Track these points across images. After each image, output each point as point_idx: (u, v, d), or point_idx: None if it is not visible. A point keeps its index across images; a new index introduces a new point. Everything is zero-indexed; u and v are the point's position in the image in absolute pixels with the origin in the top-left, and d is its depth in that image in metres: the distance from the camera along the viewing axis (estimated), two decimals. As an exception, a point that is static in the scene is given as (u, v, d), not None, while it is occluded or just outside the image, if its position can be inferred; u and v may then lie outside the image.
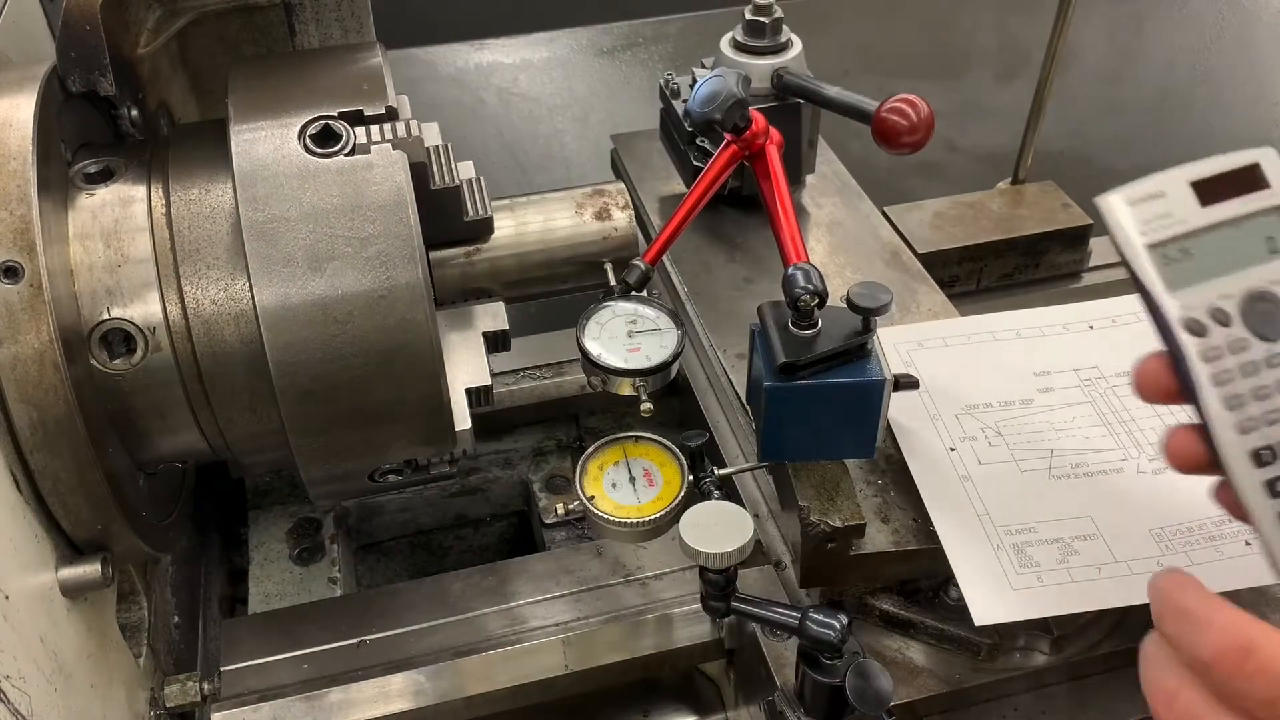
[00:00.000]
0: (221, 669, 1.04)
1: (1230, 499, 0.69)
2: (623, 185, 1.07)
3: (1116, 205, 0.69)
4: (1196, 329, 0.68)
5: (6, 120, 0.79)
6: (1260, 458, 0.67)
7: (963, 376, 1.05)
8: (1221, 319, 0.68)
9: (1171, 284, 0.68)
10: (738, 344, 1.12)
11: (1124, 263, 0.69)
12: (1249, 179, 0.70)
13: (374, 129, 0.85)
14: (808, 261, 0.91)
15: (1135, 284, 0.69)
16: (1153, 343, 0.70)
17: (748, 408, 1.02)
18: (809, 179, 1.35)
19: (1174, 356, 0.69)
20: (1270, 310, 0.68)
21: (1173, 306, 0.68)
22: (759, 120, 0.99)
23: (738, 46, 1.25)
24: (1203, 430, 0.68)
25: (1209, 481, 0.71)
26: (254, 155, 0.82)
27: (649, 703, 1.19)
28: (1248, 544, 0.88)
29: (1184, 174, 0.70)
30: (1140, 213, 0.69)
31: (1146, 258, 0.68)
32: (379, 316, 0.81)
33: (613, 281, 1.02)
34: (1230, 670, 0.59)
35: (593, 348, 0.95)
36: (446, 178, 0.93)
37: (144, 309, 0.83)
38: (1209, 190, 0.69)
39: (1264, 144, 0.71)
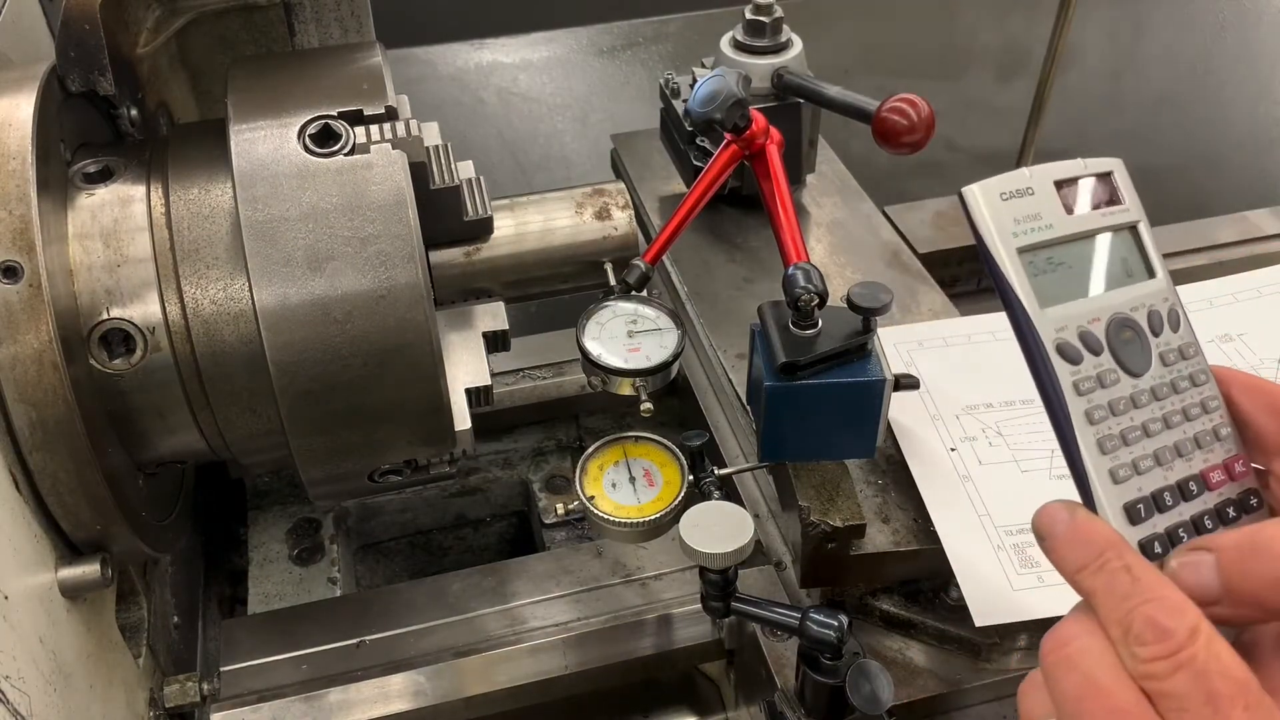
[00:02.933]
0: (221, 669, 1.04)
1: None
2: (623, 185, 1.07)
3: (986, 198, 0.59)
4: (1071, 354, 0.59)
5: (6, 120, 0.79)
6: (1134, 513, 0.58)
7: (963, 376, 1.04)
8: (1093, 345, 0.59)
9: (1044, 298, 0.59)
10: (738, 344, 1.12)
11: (988, 268, 0.60)
12: (1105, 191, 0.62)
13: (374, 129, 0.84)
14: (808, 261, 0.91)
15: (1001, 292, 0.60)
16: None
17: (748, 408, 1.02)
18: (809, 179, 1.35)
19: (1042, 386, 0.60)
20: (1134, 341, 0.60)
21: (1046, 323, 0.59)
22: (759, 120, 0.99)
23: (738, 46, 1.25)
24: (1077, 477, 0.60)
25: None
26: (253, 155, 0.82)
27: (649, 703, 1.19)
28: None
29: (1048, 173, 0.61)
30: (1012, 210, 0.59)
31: (1019, 264, 0.59)
32: (379, 316, 0.81)
33: (613, 281, 1.02)
34: (1157, 653, 0.51)
35: (593, 348, 0.95)
36: (446, 177, 0.93)
37: (143, 309, 0.83)
38: (1071, 195, 0.61)
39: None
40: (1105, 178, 0.62)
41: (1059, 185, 0.61)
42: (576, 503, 0.95)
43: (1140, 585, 0.53)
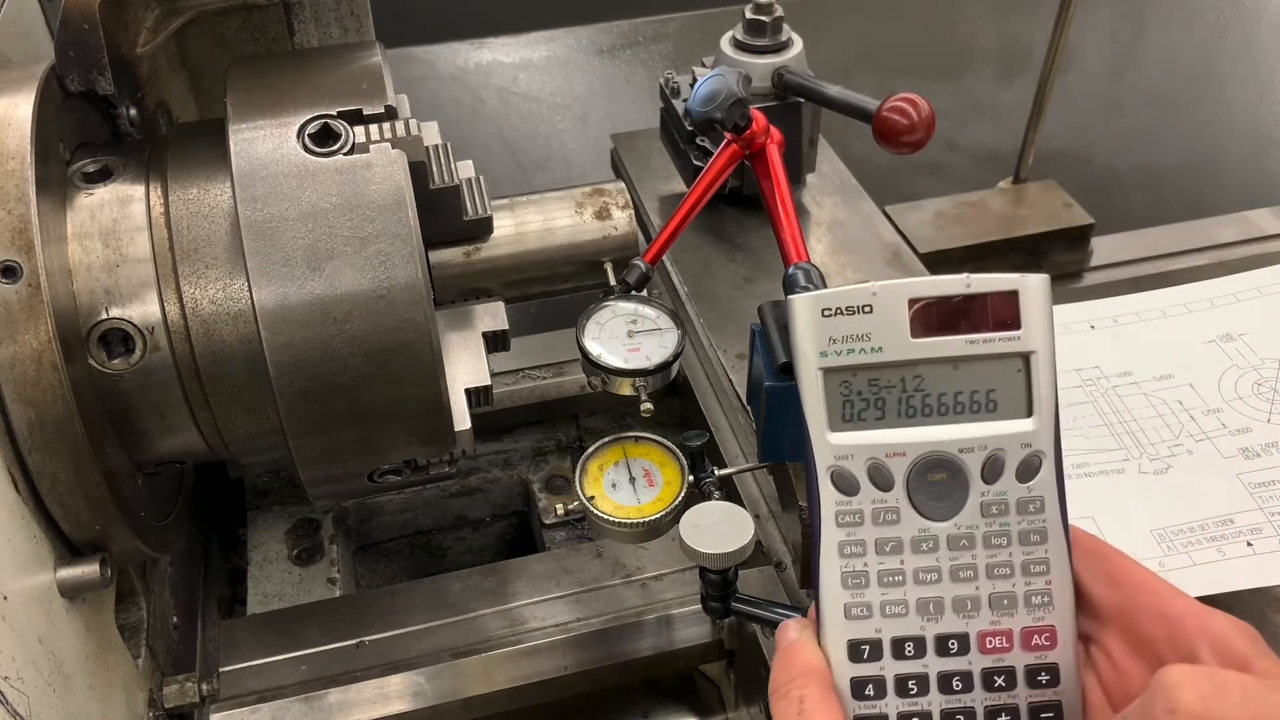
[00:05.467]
0: (220, 670, 1.04)
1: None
2: (623, 185, 1.06)
3: (806, 311, 0.57)
4: (845, 483, 0.56)
5: (5, 119, 0.79)
6: (856, 652, 0.56)
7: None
8: (881, 479, 0.56)
9: (837, 421, 0.57)
10: (738, 344, 1.12)
11: (794, 377, 0.58)
12: (991, 314, 0.57)
13: (373, 128, 0.84)
14: (808, 261, 0.91)
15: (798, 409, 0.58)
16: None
17: (748, 408, 1.02)
18: (810, 178, 1.35)
19: (810, 508, 0.57)
20: (946, 484, 0.56)
21: (825, 449, 0.56)
22: (759, 119, 0.99)
23: (738, 45, 1.25)
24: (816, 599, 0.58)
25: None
26: (253, 154, 0.82)
27: (649, 703, 1.19)
28: (1249, 544, 0.88)
29: (903, 290, 0.56)
30: (831, 328, 0.56)
31: (818, 383, 0.56)
32: (378, 316, 0.81)
33: (613, 281, 1.02)
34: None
35: (593, 348, 0.95)
36: (446, 177, 0.92)
37: (142, 309, 0.83)
38: (929, 317, 0.56)
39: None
40: (997, 299, 0.57)
41: (914, 304, 0.56)
42: (576, 503, 0.95)
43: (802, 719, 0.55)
